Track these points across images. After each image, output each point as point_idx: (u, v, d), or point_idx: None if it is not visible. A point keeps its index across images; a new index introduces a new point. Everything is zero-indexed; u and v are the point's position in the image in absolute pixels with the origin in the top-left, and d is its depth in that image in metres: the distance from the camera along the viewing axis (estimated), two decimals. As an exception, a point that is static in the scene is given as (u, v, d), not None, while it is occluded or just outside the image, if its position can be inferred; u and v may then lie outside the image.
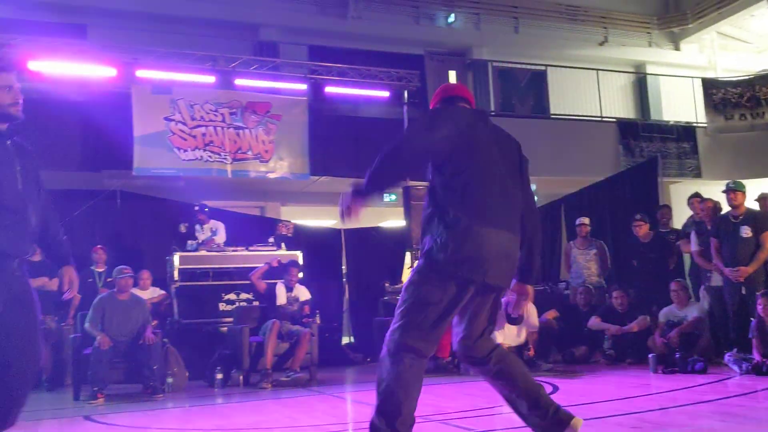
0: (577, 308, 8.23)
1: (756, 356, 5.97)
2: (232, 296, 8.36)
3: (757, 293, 6.22)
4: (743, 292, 6.52)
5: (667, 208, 8.86)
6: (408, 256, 10.33)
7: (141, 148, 9.11)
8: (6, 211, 2.85)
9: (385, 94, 10.46)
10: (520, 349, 7.28)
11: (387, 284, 9.67)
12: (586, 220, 8.86)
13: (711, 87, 13.28)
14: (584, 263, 8.64)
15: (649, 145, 12.63)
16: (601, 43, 14.59)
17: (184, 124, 9.56)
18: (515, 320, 6.82)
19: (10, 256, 2.84)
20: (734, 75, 14.08)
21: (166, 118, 9.45)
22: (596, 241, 8.79)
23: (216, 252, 8.49)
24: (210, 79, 9.63)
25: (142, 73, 9.18)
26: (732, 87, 13.19)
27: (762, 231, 6.49)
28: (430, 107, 3.17)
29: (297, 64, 10.26)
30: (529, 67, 13.32)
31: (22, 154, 3.00)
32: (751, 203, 7.22)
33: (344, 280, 10.74)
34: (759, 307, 6.06)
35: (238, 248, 8.63)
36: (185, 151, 9.51)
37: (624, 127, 12.80)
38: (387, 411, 2.65)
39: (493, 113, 12.82)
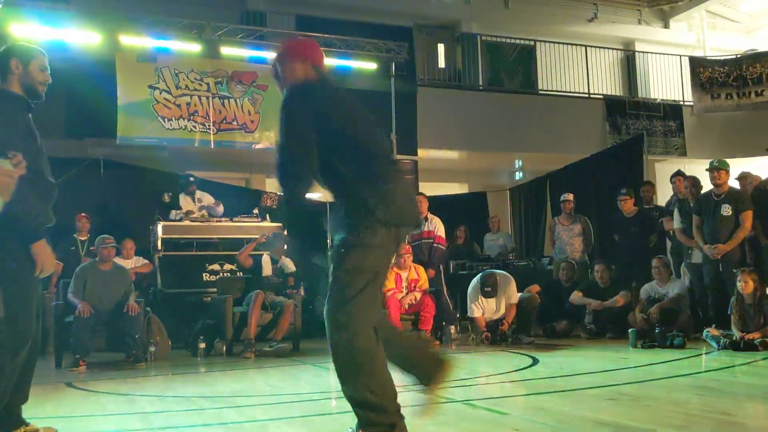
0: (560, 283, 8.29)
1: (734, 332, 6.06)
2: (216, 267, 8.35)
3: (735, 270, 6.30)
4: (720, 269, 6.59)
5: (650, 185, 8.90)
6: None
7: (125, 117, 9.02)
8: (43, 182, 2.95)
9: (373, 65, 10.38)
10: (497, 323, 7.37)
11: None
12: (570, 196, 8.89)
13: (698, 66, 13.30)
14: (568, 239, 8.69)
15: (635, 123, 12.67)
16: (591, 20, 14.52)
17: (169, 92, 9.46)
18: None
19: (45, 225, 2.89)
20: (722, 54, 14.10)
21: (150, 87, 9.35)
22: (580, 217, 8.83)
23: (200, 222, 8.47)
24: (196, 47, 9.51)
25: (126, 40, 9.05)
26: (719, 66, 13.22)
27: (742, 210, 6.55)
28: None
29: (284, 33, 10.14)
30: (518, 42, 13.27)
31: None
32: (734, 182, 7.28)
33: (328, 252, 10.73)
34: (738, 284, 6.13)
35: (223, 219, 8.61)
36: (169, 120, 9.42)
37: (611, 104, 12.82)
38: None
39: (481, 87, 12.80)
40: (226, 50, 9.64)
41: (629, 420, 3.11)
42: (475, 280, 7.53)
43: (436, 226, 8.12)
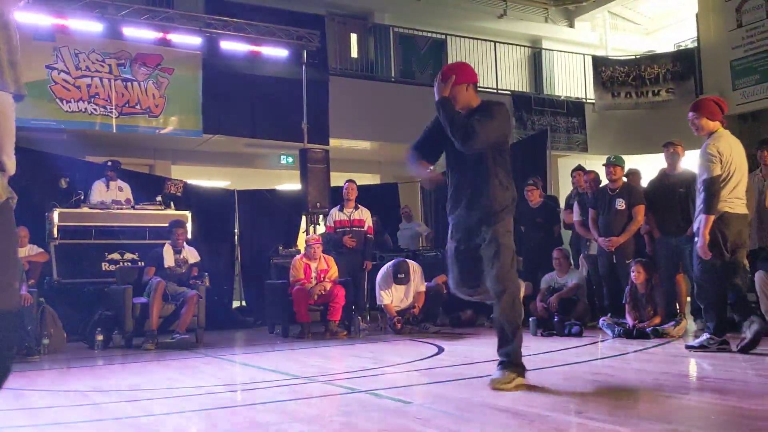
0: (466, 274, 8.42)
1: (628, 321, 6.34)
2: (116, 256, 8.04)
3: (629, 261, 6.59)
4: (614, 260, 6.88)
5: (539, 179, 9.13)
6: (304, 219, 10.24)
7: (19, 97, 8.51)
8: None
9: (284, 52, 10.23)
10: (406, 311, 7.45)
11: (281, 247, 9.57)
12: (477, 189, 9.03)
13: (601, 65, 13.83)
14: (475, 231, 8.83)
15: (540, 119, 13.05)
16: (500, 16, 14.84)
17: (68, 73, 9.03)
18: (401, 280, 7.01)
19: None
20: (623, 54, 14.71)
21: (47, 66, 8.90)
22: (487, 209, 8.99)
23: (99, 210, 8.11)
24: (97, 27, 9.08)
25: (22, 17, 8.52)
26: (620, 66, 13.79)
27: (635, 204, 6.84)
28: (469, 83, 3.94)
29: (192, 16, 9.84)
30: (429, 35, 13.39)
31: None
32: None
33: (236, 242, 10.54)
34: (632, 274, 6.42)
35: (123, 206, 8.28)
36: (68, 102, 9.00)
37: (518, 99, 13.14)
38: None
39: (393, 79, 12.85)
40: (130, 31, 9.25)
41: (527, 406, 3.18)
42: (385, 268, 7.58)
43: (367, 216, 8.11)
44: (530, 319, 6.81)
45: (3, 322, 2.52)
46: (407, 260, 7.69)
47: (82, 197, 8.15)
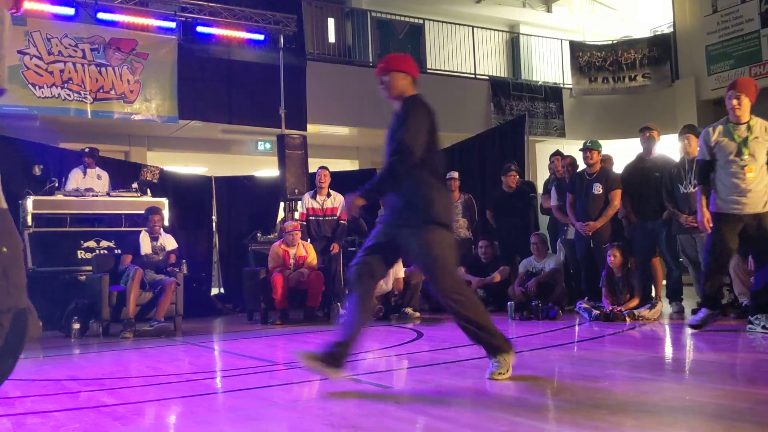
0: (445, 259, 8.45)
1: (605, 304, 6.41)
2: (91, 243, 7.95)
3: (605, 245, 6.65)
4: (591, 245, 6.94)
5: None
6: (282, 206, 10.20)
7: (-10, 83, 8.36)
8: None
9: (260, 37, 10.14)
10: (387, 296, 7.46)
11: (259, 234, 9.53)
12: (456, 174, 9.05)
13: (578, 50, 13.88)
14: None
15: (518, 104, 13.07)
16: (478, 1, 14.81)
17: (40, 58, 8.88)
18: None
19: None
20: (600, 39, 14.77)
21: (19, 52, 8.73)
22: (464, 195, 9.03)
23: (74, 197, 8.00)
24: (69, 11, 8.95)
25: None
26: (597, 51, 13.85)
27: (611, 189, 6.89)
28: (407, 75, 3.82)
29: (167, 0, 9.71)
30: (407, 19, 13.33)
31: None
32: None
33: (214, 229, 10.48)
34: (609, 258, 6.48)
35: (98, 194, 8.18)
36: (41, 87, 8.85)
37: (496, 85, 13.15)
38: None
39: (371, 64, 12.78)
40: (103, 15, 9.12)
41: (504, 389, 3.21)
42: (364, 254, 7.56)
43: (340, 203, 8.06)
44: (508, 303, 6.86)
45: (20, 319, 2.55)
46: (386, 246, 7.68)
47: (57, 185, 8.04)
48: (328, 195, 8.12)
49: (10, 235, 2.48)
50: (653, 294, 6.94)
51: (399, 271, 7.53)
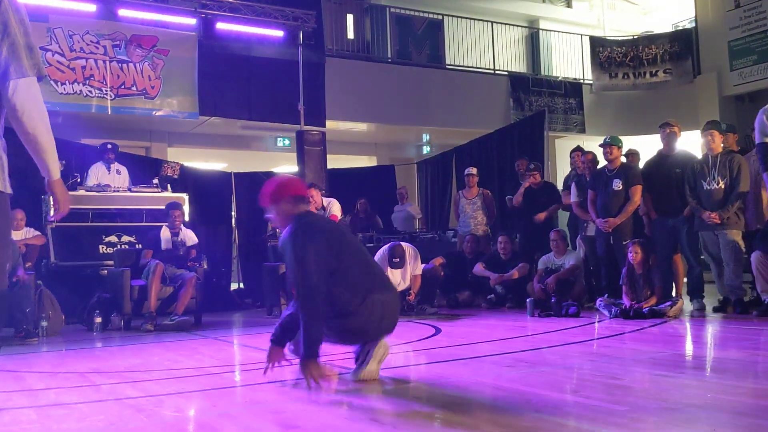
0: (463, 255, 8.47)
1: (625, 301, 6.36)
2: (113, 238, 8.03)
3: (626, 242, 6.60)
4: (611, 241, 6.89)
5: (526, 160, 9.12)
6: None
7: (13, 79, 8.46)
8: None
9: (280, 33, 10.16)
10: (403, 294, 7.45)
11: (278, 230, 9.55)
12: (474, 170, 9.05)
13: (598, 45, 13.76)
14: (471, 213, 8.86)
15: (537, 100, 13.01)
16: (497, -4, 14.74)
17: (62, 55, 8.96)
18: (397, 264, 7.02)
19: None
20: (620, 35, 14.65)
21: (42, 48, 8.80)
22: (483, 191, 9.01)
23: (96, 192, 8.09)
24: (91, 7, 9.03)
25: (14, -4, 8.45)
26: (617, 46, 13.73)
27: (632, 185, 6.83)
28: (288, 199, 3.60)
29: (185, -3, 9.77)
30: (426, 15, 13.30)
31: None
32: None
33: (234, 225, 10.54)
34: (629, 255, 6.43)
35: (120, 189, 8.27)
36: (63, 84, 8.94)
37: (515, 80, 13.10)
38: None
39: (390, 60, 12.78)
40: (124, 12, 9.20)
41: (525, 385, 3.21)
42: (382, 252, 7.56)
43: (332, 207, 7.96)
44: (528, 300, 6.84)
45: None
46: (402, 243, 7.66)
47: (79, 180, 8.13)
48: (323, 208, 7.93)
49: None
50: (674, 291, 6.88)
51: (416, 268, 7.50)
